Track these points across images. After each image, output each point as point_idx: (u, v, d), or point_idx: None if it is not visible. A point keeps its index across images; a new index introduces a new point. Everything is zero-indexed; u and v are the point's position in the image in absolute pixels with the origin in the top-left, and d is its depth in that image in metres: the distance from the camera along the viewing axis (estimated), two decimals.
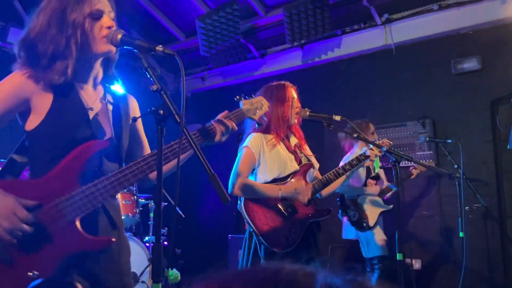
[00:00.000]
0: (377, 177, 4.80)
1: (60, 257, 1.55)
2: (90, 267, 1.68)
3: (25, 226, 1.51)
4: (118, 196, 1.88)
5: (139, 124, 2.00)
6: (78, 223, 1.58)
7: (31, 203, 1.55)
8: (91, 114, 1.76)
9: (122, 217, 2.06)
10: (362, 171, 4.56)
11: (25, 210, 1.52)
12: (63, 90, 1.71)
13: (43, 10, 1.73)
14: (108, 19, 1.73)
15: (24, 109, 1.70)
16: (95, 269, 1.70)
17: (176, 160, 1.84)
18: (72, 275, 1.63)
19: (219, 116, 1.90)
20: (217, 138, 1.84)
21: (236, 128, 1.91)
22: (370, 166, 4.60)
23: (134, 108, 2.00)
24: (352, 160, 3.02)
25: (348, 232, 4.68)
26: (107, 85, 1.91)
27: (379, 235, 4.50)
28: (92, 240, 1.62)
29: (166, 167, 1.83)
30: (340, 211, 4.61)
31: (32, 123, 1.69)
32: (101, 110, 1.80)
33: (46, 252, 1.54)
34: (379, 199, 4.63)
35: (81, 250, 1.60)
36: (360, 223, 4.45)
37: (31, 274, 1.51)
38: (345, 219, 4.52)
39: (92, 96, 1.80)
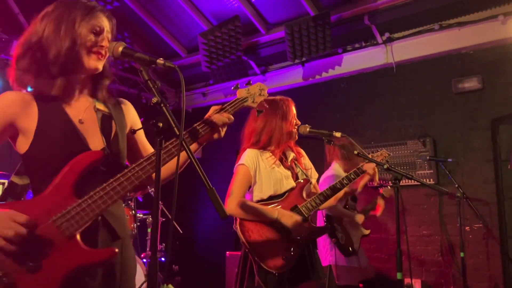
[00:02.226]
0: (354, 198, 4.48)
1: (61, 275, 1.49)
2: (87, 282, 1.61)
3: (24, 230, 1.46)
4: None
5: (137, 127, 1.94)
6: (78, 237, 1.54)
7: (28, 221, 1.49)
8: (80, 126, 1.72)
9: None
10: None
11: (23, 216, 1.48)
12: (47, 105, 1.68)
13: (48, 16, 1.72)
14: (105, 39, 1.74)
15: (12, 133, 1.67)
16: (91, 285, 1.62)
17: (173, 163, 1.82)
18: None
19: (210, 112, 1.84)
20: (213, 135, 1.79)
21: (232, 118, 1.83)
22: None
23: (129, 111, 1.95)
24: (350, 174, 3.00)
25: (327, 258, 4.13)
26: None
27: (363, 260, 4.20)
28: (93, 253, 1.57)
29: (165, 171, 1.79)
30: (328, 234, 4.10)
31: (23, 145, 1.67)
32: (91, 121, 1.76)
33: (47, 271, 1.49)
34: (357, 223, 4.29)
35: (84, 265, 1.54)
36: (347, 246, 4.07)
37: None
38: (333, 241, 4.07)
39: (80, 107, 1.77)
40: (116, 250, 1.59)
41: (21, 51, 1.70)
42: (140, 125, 1.95)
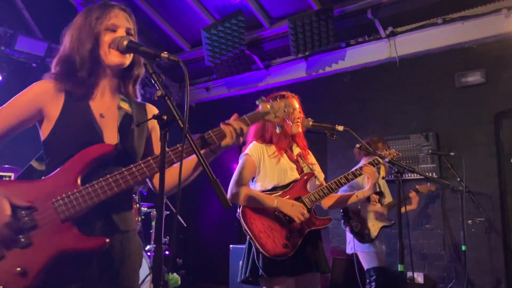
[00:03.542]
0: (380, 193, 4.76)
1: (49, 254, 1.55)
2: (83, 273, 1.65)
3: (8, 226, 1.53)
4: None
5: (155, 133, 1.99)
6: (71, 222, 1.59)
7: (24, 203, 1.58)
8: (100, 120, 1.78)
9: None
10: (365, 184, 4.49)
11: (10, 207, 1.55)
12: (74, 98, 1.76)
13: (72, 27, 1.82)
14: (123, 33, 1.79)
15: (39, 118, 1.76)
16: (88, 275, 1.66)
17: (186, 166, 1.87)
18: (67, 284, 1.62)
19: (232, 119, 1.87)
20: (228, 141, 1.80)
21: (246, 129, 1.86)
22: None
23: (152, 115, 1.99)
24: (348, 174, 3.03)
25: (348, 246, 4.66)
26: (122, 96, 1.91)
27: (378, 248, 4.49)
28: (84, 239, 1.61)
29: (185, 173, 1.86)
30: (342, 221, 4.58)
31: (45, 131, 1.75)
32: (112, 117, 1.82)
33: (36, 249, 1.56)
34: (382, 213, 4.62)
35: (72, 248, 1.59)
36: (362, 234, 4.43)
37: (19, 269, 1.52)
38: (347, 229, 4.50)
39: (105, 103, 1.83)
40: (107, 240, 1.62)
41: (56, 61, 1.82)
42: (157, 130, 1.98)
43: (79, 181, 1.63)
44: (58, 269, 1.60)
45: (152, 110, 2.00)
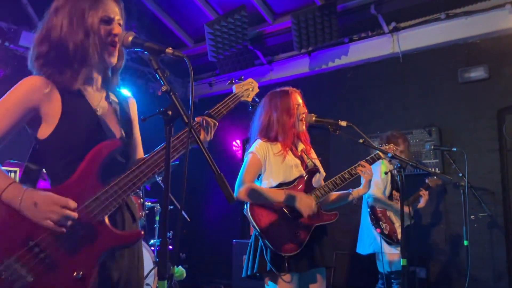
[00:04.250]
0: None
1: (97, 256, 1.61)
2: (120, 263, 1.74)
3: (72, 213, 1.56)
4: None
5: (135, 125, 2.01)
6: (107, 221, 1.64)
7: (73, 205, 1.59)
8: (101, 116, 1.79)
9: None
10: (383, 182, 4.40)
11: (64, 200, 1.57)
12: (70, 94, 1.73)
13: (61, 10, 1.74)
14: (117, 26, 1.77)
15: (32, 117, 1.70)
16: (122, 265, 1.75)
17: None
18: (109, 273, 1.70)
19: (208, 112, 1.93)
20: (201, 136, 1.80)
21: (217, 123, 1.89)
22: (395, 178, 4.45)
23: (133, 110, 2.01)
24: (345, 173, 3.03)
25: (366, 246, 4.47)
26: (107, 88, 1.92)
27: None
28: (122, 235, 1.69)
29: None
30: (371, 222, 4.39)
31: (44, 131, 1.70)
32: (108, 111, 1.83)
33: (84, 252, 1.60)
34: (406, 212, 4.47)
35: (114, 246, 1.66)
36: (391, 236, 4.29)
37: (75, 274, 1.56)
38: (378, 231, 4.33)
39: (96, 97, 1.83)
40: (142, 232, 1.72)
41: (44, 48, 1.73)
42: (137, 119, 2.03)
43: (99, 181, 1.66)
44: (104, 267, 1.67)
45: (133, 104, 2.03)
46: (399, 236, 4.26)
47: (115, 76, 1.91)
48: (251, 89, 2.26)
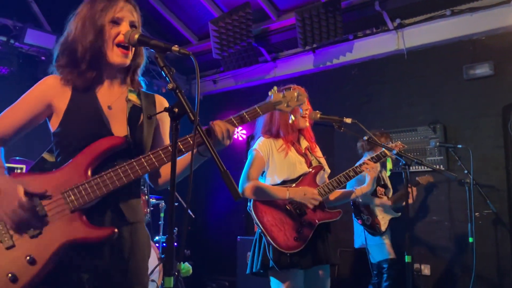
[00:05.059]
0: (385, 186, 4.82)
1: (58, 243, 1.59)
2: (95, 263, 1.69)
3: (21, 212, 1.57)
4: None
5: (162, 124, 1.99)
6: (81, 212, 1.63)
7: (37, 190, 1.63)
8: (108, 112, 1.80)
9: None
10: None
11: (25, 197, 1.59)
12: (81, 92, 1.79)
13: (78, 15, 1.83)
14: (126, 27, 1.79)
15: (49, 113, 1.81)
16: (100, 266, 1.70)
17: (184, 163, 1.85)
18: (78, 273, 1.67)
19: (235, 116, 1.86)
20: (218, 138, 1.74)
21: (233, 131, 1.79)
22: (380, 174, 4.67)
23: (162, 107, 1.94)
24: (349, 171, 3.04)
25: (356, 239, 4.81)
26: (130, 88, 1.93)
27: (388, 241, 4.58)
28: (93, 229, 1.64)
29: (178, 167, 1.76)
30: (353, 214, 4.69)
31: (54, 124, 1.79)
32: (120, 109, 1.84)
33: (46, 238, 1.60)
34: (388, 206, 4.67)
35: (81, 238, 1.61)
36: (373, 227, 4.57)
37: (28, 257, 1.56)
38: (359, 222, 4.62)
39: (112, 95, 1.86)
40: (116, 230, 1.65)
41: (61, 50, 1.84)
42: (167, 123, 2.00)
43: (89, 173, 1.67)
44: (69, 259, 1.65)
45: (161, 101, 2.02)
46: (383, 228, 4.55)
47: (133, 76, 1.94)
48: (294, 99, 2.08)
